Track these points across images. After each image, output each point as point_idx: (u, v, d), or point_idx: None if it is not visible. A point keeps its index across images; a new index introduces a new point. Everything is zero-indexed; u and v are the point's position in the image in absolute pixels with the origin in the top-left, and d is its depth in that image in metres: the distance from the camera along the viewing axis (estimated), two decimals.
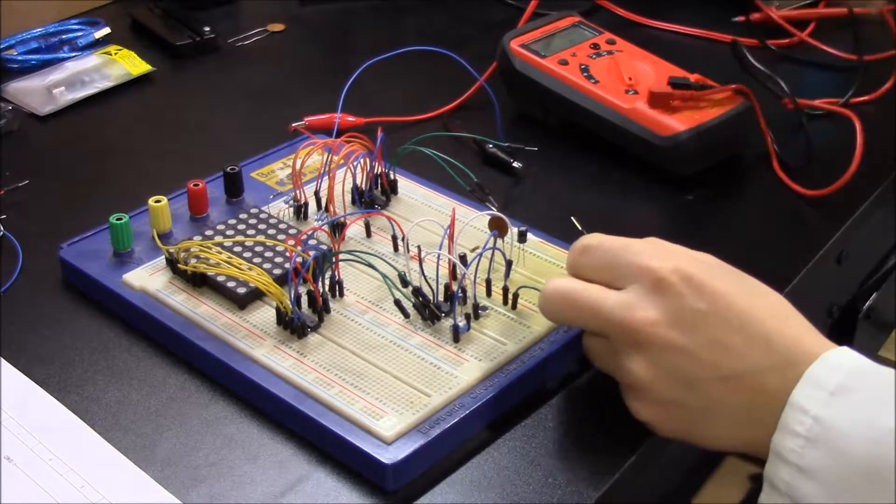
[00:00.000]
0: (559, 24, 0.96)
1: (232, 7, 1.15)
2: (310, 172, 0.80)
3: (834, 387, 0.56)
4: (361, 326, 0.68)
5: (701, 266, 0.61)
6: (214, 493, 0.61)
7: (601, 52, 0.93)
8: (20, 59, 1.02)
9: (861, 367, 0.58)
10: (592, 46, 0.94)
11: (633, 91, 0.88)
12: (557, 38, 0.95)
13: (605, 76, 0.90)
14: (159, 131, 0.95)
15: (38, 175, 0.87)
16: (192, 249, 0.71)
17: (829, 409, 0.56)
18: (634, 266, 0.62)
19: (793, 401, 0.57)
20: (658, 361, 0.61)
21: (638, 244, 0.63)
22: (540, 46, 0.93)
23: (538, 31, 0.95)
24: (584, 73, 0.90)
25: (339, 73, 0.92)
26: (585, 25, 0.97)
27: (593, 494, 0.61)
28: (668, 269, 0.61)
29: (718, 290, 0.60)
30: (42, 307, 0.74)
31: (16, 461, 0.62)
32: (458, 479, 0.62)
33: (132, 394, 0.67)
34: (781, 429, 0.57)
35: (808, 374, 0.57)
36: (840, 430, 0.55)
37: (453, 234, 0.71)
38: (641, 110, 0.86)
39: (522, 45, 0.93)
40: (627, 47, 0.94)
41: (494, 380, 0.65)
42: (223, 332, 0.68)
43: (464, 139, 0.90)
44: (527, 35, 0.94)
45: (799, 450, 0.56)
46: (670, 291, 0.60)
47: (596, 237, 0.65)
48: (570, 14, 0.98)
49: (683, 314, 0.60)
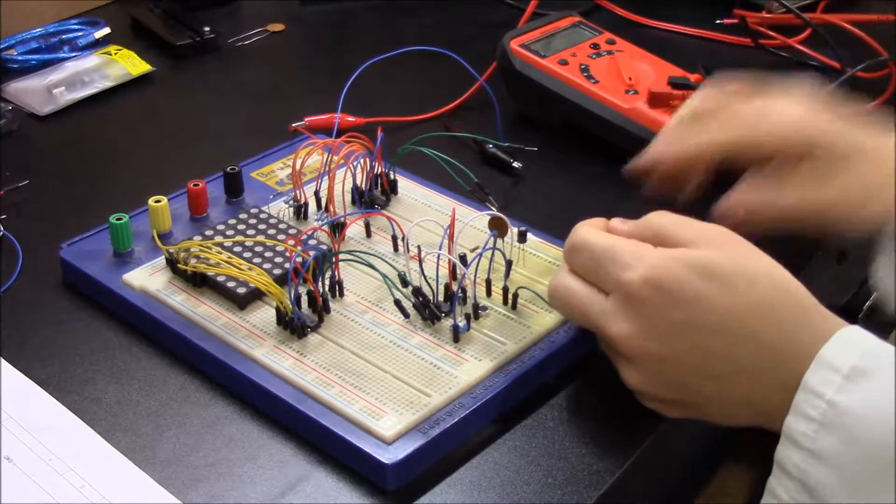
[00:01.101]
0: (559, 24, 0.96)
1: (232, 7, 1.15)
2: (310, 172, 0.80)
3: (848, 369, 0.55)
4: (361, 326, 0.68)
5: (678, 269, 0.59)
6: (214, 493, 0.61)
7: (601, 52, 0.93)
8: (20, 59, 1.02)
9: (876, 348, 0.57)
10: (592, 46, 0.94)
11: (633, 91, 0.88)
12: (557, 38, 0.95)
13: (605, 76, 0.90)
14: (159, 131, 0.95)
15: (38, 175, 0.87)
16: (192, 249, 0.71)
17: (844, 393, 0.55)
18: (611, 278, 0.61)
19: (806, 384, 0.56)
20: (643, 370, 0.61)
21: (618, 247, 0.62)
22: (540, 46, 0.93)
23: (538, 31, 0.95)
24: (583, 73, 0.90)
25: (339, 73, 0.92)
26: (585, 25, 0.97)
27: (593, 494, 0.61)
28: (637, 284, 0.59)
29: (693, 296, 0.59)
30: (42, 307, 0.74)
31: (16, 461, 0.62)
32: (458, 479, 0.62)
33: (132, 394, 0.67)
34: (794, 412, 0.56)
35: (821, 355, 0.56)
36: (856, 415, 0.54)
37: (453, 234, 0.71)
38: (641, 110, 0.86)
39: (522, 45, 0.93)
40: (627, 47, 0.94)
41: (494, 380, 0.65)
42: (223, 332, 0.68)
43: (464, 139, 0.90)
44: (527, 35, 0.94)
45: (812, 434, 0.55)
46: (643, 305, 0.60)
47: (581, 234, 0.64)
48: (570, 14, 0.98)
49: (658, 325, 0.59)
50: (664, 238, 0.62)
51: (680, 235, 0.62)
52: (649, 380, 0.61)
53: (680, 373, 0.60)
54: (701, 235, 0.61)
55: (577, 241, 0.64)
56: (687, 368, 0.60)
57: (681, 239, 0.61)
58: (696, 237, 0.61)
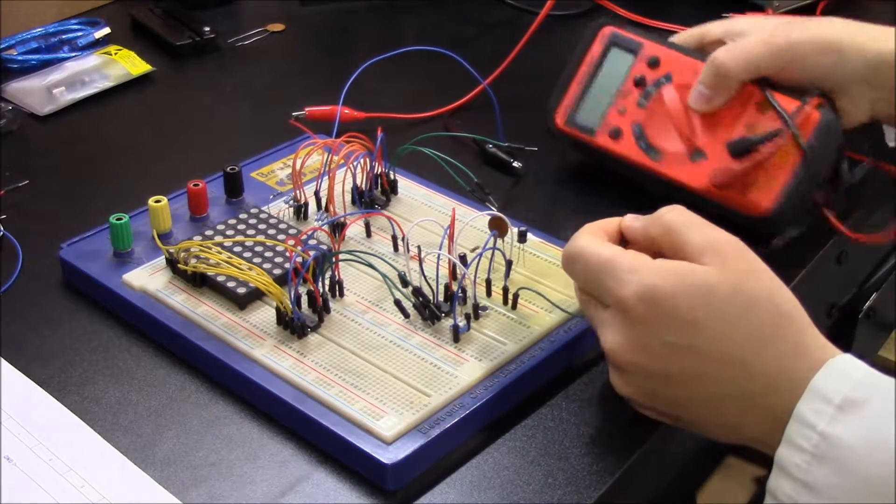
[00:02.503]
0: (594, 51, 0.84)
1: (232, 7, 1.15)
2: (310, 172, 0.80)
3: (841, 400, 0.55)
4: (361, 326, 0.68)
5: (674, 288, 0.58)
6: (214, 493, 0.61)
7: (649, 90, 0.81)
8: (20, 59, 1.02)
9: (867, 378, 0.56)
10: (637, 84, 0.81)
11: (700, 155, 0.78)
12: (598, 87, 0.83)
13: (664, 139, 0.79)
14: (159, 131, 0.95)
15: (38, 175, 0.87)
16: (192, 249, 0.71)
17: (837, 425, 0.54)
18: (607, 292, 0.61)
19: (798, 414, 0.56)
20: (633, 383, 0.61)
21: (613, 260, 0.61)
22: (585, 113, 0.83)
23: (576, 85, 0.84)
24: (639, 142, 0.80)
25: (339, 74, 0.92)
26: (619, 40, 0.83)
27: (593, 494, 0.61)
28: (632, 300, 0.59)
29: (686, 318, 0.58)
30: (42, 307, 0.74)
31: (16, 461, 0.62)
32: (458, 479, 0.62)
33: (132, 394, 0.67)
34: (787, 442, 0.56)
35: (813, 385, 0.56)
36: (848, 447, 0.54)
37: (453, 234, 0.71)
38: (718, 193, 0.76)
39: (567, 120, 0.83)
40: (673, 64, 0.81)
41: (494, 380, 0.65)
42: (223, 332, 0.68)
43: (464, 139, 0.90)
44: (566, 99, 0.84)
45: (805, 465, 0.55)
46: (636, 321, 0.59)
47: (577, 245, 0.63)
48: (597, 22, 0.85)
49: (649, 343, 0.59)
50: (672, 238, 0.62)
51: (687, 240, 0.61)
52: (639, 392, 0.62)
53: (669, 390, 0.60)
54: (707, 245, 0.60)
55: (573, 252, 0.63)
56: (676, 387, 0.60)
57: (687, 243, 0.61)
58: (703, 247, 0.60)
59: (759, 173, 0.75)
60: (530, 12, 1.09)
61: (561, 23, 1.10)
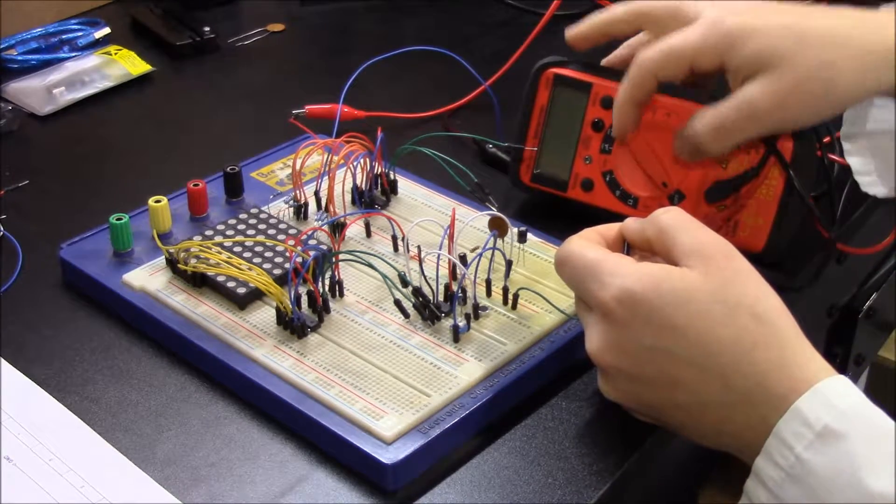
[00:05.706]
0: (541, 99, 0.79)
1: (232, 7, 1.15)
2: (310, 172, 0.80)
3: (822, 428, 0.54)
4: (361, 326, 0.68)
5: (652, 292, 0.58)
6: (214, 493, 0.61)
7: (609, 131, 0.76)
8: (20, 59, 1.02)
9: (852, 410, 0.55)
10: (594, 128, 0.77)
11: (679, 197, 0.75)
12: (555, 136, 0.79)
13: (638, 185, 0.76)
14: (159, 131, 0.95)
15: (38, 175, 0.87)
16: (192, 249, 0.71)
17: (813, 452, 0.54)
18: (590, 295, 0.61)
19: (778, 432, 0.56)
20: (617, 386, 0.62)
21: (597, 264, 0.61)
22: (550, 166, 0.79)
23: (532, 138, 0.79)
24: (614, 192, 0.77)
25: (339, 74, 0.92)
26: (566, 82, 0.78)
27: (593, 494, 0.61)
28: (611, 303, 0.59)
29: (664, 322, 0.58)
30: (42, 307, 0.74)
31: (16, 461, 0.62)
32: (458, 479, 0.62)
33: (132, 394, 0.67)
34: (765, 455, 0.56)
35: (797, 406, 0.55)
36: (821, 477, 0.54)
37: (453, 234, 0.71)
38: None
39: (533, 176, 0.80)
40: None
41: (494, 380, 0.65)
42: (223, 332, 0.68)
43: (464, 139, 0.90)
44: (527, 154, 0.79)
45: (779, 481, 0.55)
46: (615, 324, 0.59)
47: (566, 249, 0.63)
48: (539, 67, 0.80)
49: (627, 346, 0.59)
50: (663, 239, 0.62)
51: (677, 242, 0.61)
52: (623, 395, 0.62)
53: (650, 394, 0.60)
54: (695, 249, 0.60)
55: (562, 255, 0.64)
56: (657, 391, 0.60)
57: (676, 246, 0.60)
58: (691, 250, 0.60)
59: (743, 213, 0.75)
60: (530, 12, 1.09)
61: (561, 23, 1.10)
